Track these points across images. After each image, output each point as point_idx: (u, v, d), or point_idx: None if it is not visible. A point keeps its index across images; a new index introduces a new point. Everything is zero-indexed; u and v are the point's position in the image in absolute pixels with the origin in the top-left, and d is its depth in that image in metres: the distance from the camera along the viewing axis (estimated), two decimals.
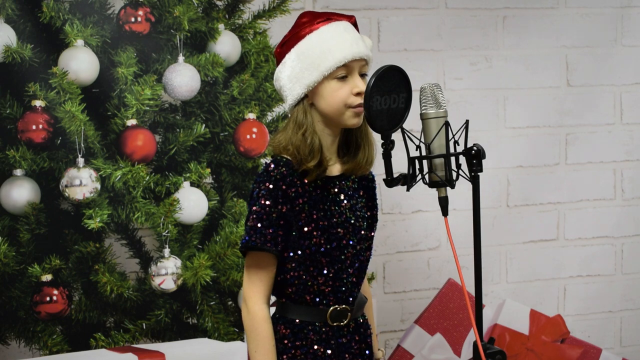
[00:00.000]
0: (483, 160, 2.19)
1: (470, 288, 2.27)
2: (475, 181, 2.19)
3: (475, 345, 2.14)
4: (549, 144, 4.19)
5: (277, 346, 2.23)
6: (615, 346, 4.33)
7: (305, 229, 2.21)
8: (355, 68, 2.21)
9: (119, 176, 3.14)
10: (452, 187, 2.21)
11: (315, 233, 2.21)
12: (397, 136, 2.25)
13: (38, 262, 3.12)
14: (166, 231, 3.19)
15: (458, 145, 2.21)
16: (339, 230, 2.24)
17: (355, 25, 2.27)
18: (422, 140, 2.22)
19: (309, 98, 2.23)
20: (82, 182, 3.10)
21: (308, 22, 2.22)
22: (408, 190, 2.27)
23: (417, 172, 2.23)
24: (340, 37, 2.20)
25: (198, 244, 3.29)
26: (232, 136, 3.34)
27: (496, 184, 4.11)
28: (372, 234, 2.36)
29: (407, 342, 3.77)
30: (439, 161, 2.21)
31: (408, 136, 2.22)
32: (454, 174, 2.21)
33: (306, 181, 2.22)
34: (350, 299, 2.29)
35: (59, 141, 3.15)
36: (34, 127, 3.11)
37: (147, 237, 3.32)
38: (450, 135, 2.20)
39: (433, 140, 2.20)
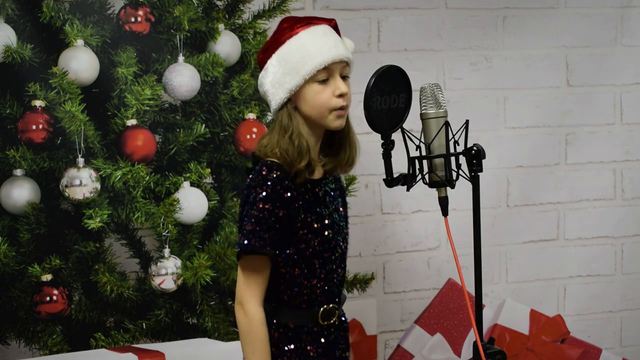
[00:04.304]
0: (483, 160, 2.20)
1: (470, 288, 2.27)
2: (475, 181, 2.19)
3: (475, 345, 2.14)
4: (549, 144, 4.19)
5: (271, 350, 2.25)
6: (615, 346, 4.33)
7: (300, 232, 2.23)
8: (336, 70, 2.22)
9: (119, 176, 3.14)
10: (452, 187, 2.21)
11: (310, 236, 2.24)
12: (397, 136, 2.25)
13: (38, 262, 3.12)
14: (166, 231, 3.18)
15: (458, 145, 2.21)
16: (329, 231, 2.27)
17: (336, 28, 2.28)
18: (422, 140, 2.22)
19: (292, 102, 2.25)
20: (82, 182, 3.09)
21: (288, 27, 2.24)
22: (408, 190, 2.28)
23: (417, 172, 2.23)
24: (320, 40, 2.22)
25: (198, 244, 3.28)
26: (232, 136, 3.34)
27: (496, 184, 4.11)
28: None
29: (407, 342, 3.77)
30: (439, 161, 2.21)
31: (408, 136, 2.22)
32: (454, 174, 2.21)
33: (297, 184, 2.23)
34: (337, 298, 2.32)
35: (59, 141, 3.15)
36: (34, 127, 3.11)
37: (147, 237, 3.32)
38: (450, 135, 2.20)
39: (433, 140, 2.20)
